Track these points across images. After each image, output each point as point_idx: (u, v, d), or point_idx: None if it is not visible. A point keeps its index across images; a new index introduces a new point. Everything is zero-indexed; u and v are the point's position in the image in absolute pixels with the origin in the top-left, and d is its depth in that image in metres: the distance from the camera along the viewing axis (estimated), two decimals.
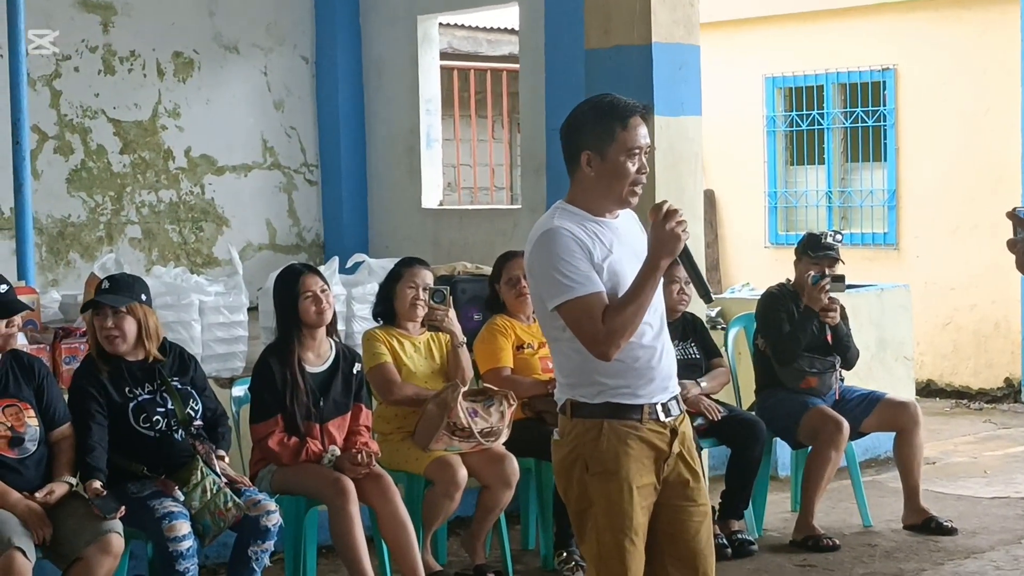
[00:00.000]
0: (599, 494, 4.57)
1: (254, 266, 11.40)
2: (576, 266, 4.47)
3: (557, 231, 4.51)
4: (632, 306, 4.44)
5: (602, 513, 4.57)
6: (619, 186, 4.56)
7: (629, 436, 4.56)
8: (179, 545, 5.92)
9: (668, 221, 4.41)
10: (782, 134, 14.45)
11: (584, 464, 4.59)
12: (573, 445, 4.62)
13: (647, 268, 4.46)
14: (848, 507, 8.56)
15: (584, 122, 4.60)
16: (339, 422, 6.85)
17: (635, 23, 8.39)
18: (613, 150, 4.53)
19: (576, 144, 4.59)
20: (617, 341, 4.45)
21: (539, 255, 4.55)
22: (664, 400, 4.64)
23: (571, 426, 4.63)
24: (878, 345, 10.14)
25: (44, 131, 11.03)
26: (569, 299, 4.46)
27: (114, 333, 6.26)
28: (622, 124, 4.53)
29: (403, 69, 12.12)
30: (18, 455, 5.94)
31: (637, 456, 4.57)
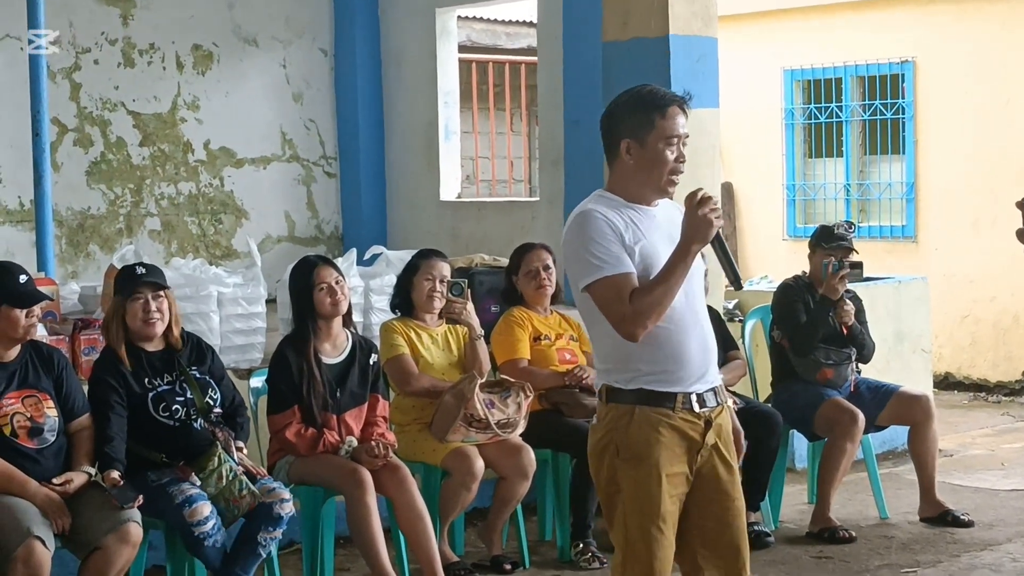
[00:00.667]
0: (628, 480, 4.60)
1: (273, 258, 11.42)
2: (606, 247, 4.51)
3: (590, 213, 4.57)
4: (661, 287, 4.48)
5: (630, 499, 4.60)
6: (658, 174, 4.60)
7: (660, 423, 4.59)
8: (203, 527, 5.97)
9: (701, 207, 4.47)
10: (800, 127, 14.44)
11: (615, 449, 4.62)
12: (607, 430, 4.65)
13: (678, 252, 4.51)
14: (865, 499, 8.56)
15: (624, 111, 4.64)
16: (356, 413, 6.88)
17: (653, 15, 8.41)
18: (652, 138, 4.57)
19: (616, 133, 4.64)
20: (644, 321, 4.48)
21: (572, 237, 4.61)
22: (700, 390, 4.66)
23: (605, 411, 4.67)
24: (896, 338, 10.14)
25: (64, 123, 11.06)
26: (598, 279, 4.50)
27: (155, 315, 6.32)
28: (661, 113, 4.58)
29: (422, 62, 12.13)
30: (37, 445, 5.97)
31: (668, 444, 4.59)
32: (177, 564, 6.25)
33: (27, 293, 6.00)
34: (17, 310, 5.95)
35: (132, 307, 6.34)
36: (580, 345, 7.88)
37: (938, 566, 7.39)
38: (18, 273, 6.04)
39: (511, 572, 7.33)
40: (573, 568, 7.37)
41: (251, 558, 6.23)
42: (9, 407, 5.94)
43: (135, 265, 6.47)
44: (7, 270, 6.06)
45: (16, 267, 6.12)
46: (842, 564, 7.47)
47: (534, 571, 7.40)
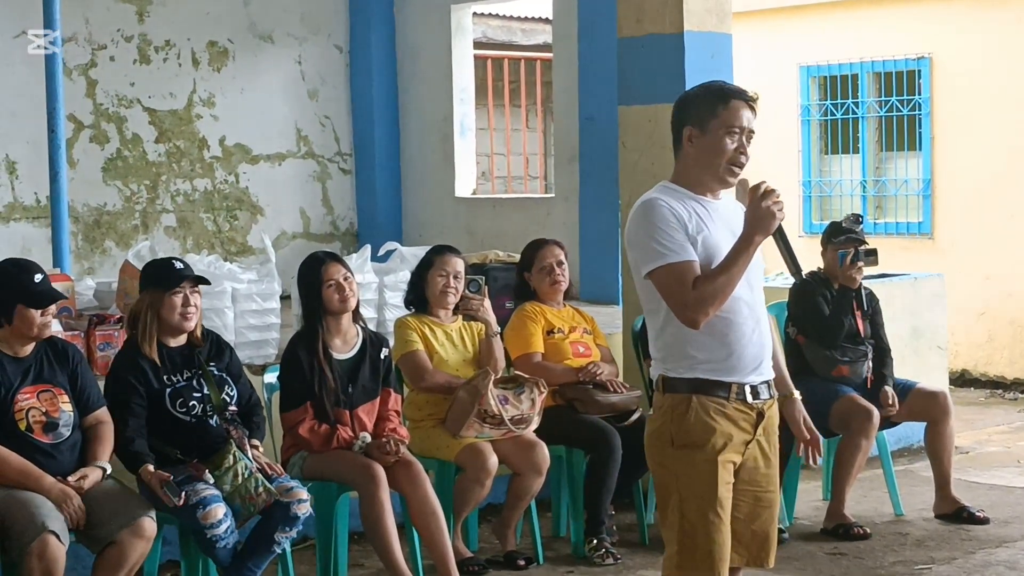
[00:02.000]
0: (684, 467, 4.64)
1: (288, 255, 11.44)
2: (670, 234, 4.55)
3: (654, 202, 4.62)
4: (723, 276, 4.51)
5: (686, 486, 4.64)
6: (717, 162, 4.65)
7: (716, 412, 4.63)
8: (216, 530, 5.97)
9: (765, 199, 4.51)
10: (816, 123, 14.42)
11: (670, 438, 4.66)
12: (663, 420, 4.69)
13: (741, 242, 4.55)
14: (880, 496, 8.55)
15: (690, 101, 4.74)
16: (368, 408, 6.89)
17: (667, 11, 8.39)
18: (713, 126, 4.63)
19: (680, 121, 4.72)
20: (706, 308, 4.51)
21: (635, 225, 4.65)
22: (754, 382, 4.70)
23: (661, 401, 4.71)
24: (912, 334, 10.13)
25: (80, 120, 11.09)
26: (662, 265, 4.54)
27: (192, 311, 6.36)
28: (724, 103, 4.65)
29: (437, 58, 12.15)
30: (52, 440, 5.97)
31: (723, 432, 4.64)
32: (191, 561, 6.26)
33: (43, 293, 6.01)
34: (32, 310, 5.96)
35: (171, 300, 6.34)
36: (594, 338, 7.88)
37: (953, 563, 7.37)
38: (34, 272, 6.04)
39: (525, 568, 7.32)
40: (587, 564, 7.36)
41: (265, 555, 6.25)
42: (24, 402, 5.95)
43: (172, 260, 6.50)
44: (23, 269, 6.06)
45: (32, 265, 6.11)
46: (856, 561, 7.46)
47: (548, 567, 7.40)
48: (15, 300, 5.95)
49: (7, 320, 5.96)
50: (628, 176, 8.68)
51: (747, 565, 4.83)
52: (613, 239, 9.76)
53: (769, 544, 4.84)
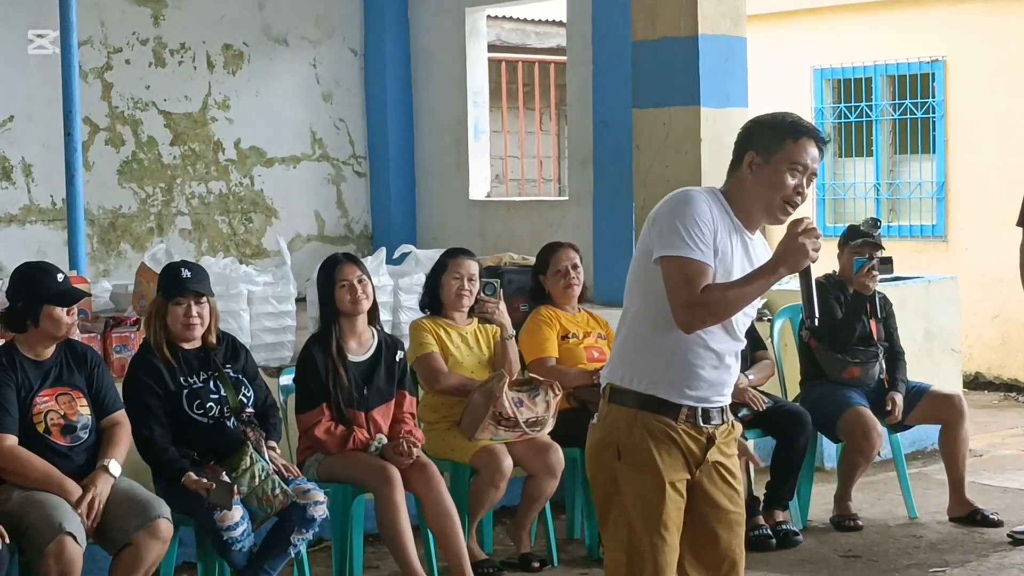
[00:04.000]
0: (630, 484, 4.53)
1: (303, 257, 11.46)
2: (701, 230, 4.41)
3: (698, 195, 4.49)
4: (734, 292, 4.39)
5: (632, 504, 4.53)
6: (773, 196, 4.49)
7: (663, 433, 4.52)
8: (232, 533, 6.00)
9: (804, 236, 4.39)
10: (830, 126, 14.41)
11: (616, 451, 4.55)
12: (607, 430, 4.58)
13: (764, 269, 4.43)
14: (894, 499, 8.55)
15: (761, 126, 4.59)
16: (384, 410, 6.91)
17: (681, 15, 8.42)
18: (778, 158, 4.48)
19: (746, 144, 4.57)
20: (704, 316, 4.39)
21: (669, 207, 4.48)
22: (708, 406, 4.57)
23: (607, 411, 4.60)
24: (925, 337, 10.13)
25: (95, 123, 11.11)
26: (680, 255, 4.39)
27: (195, 320, 6.38)
28: (795, 138, 4.50)
29: (451, 61, 12.16)
30: (70, 443, 6.00)
31: (669, 452, 4.52)
32: (208, 563, 6.29)
33: (67, 291, 6.05)
34: (59, 309, 5.99)
35: (174, 311, 6.39)
36: (608, 343, 7.89)
37: (967, 566, 7.37)
38: (55, 272, 6.08)
39: (539, 570, 7.34)
40: (601, 566, 7.30)
41: (280, 557, 6.27)
42: (43, 404, 5.99)
43: (180, 267, 6.50)
44: (44, 270, 6.10)
45: (51, 266, 6.16)
46: (870, 563, 7.47)
47: (562, 569, 7.42)
48: (41, 301, 5.98)
49: (34, 322, 5.99)
50: (642, 179, 8.70)
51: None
52: (627, 242, 9.76)
53: (737, 568, 4.70)
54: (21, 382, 5.96)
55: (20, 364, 6.01)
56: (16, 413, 5.92)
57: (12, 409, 5.91)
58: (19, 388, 5.96)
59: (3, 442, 5.87)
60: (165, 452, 6.20)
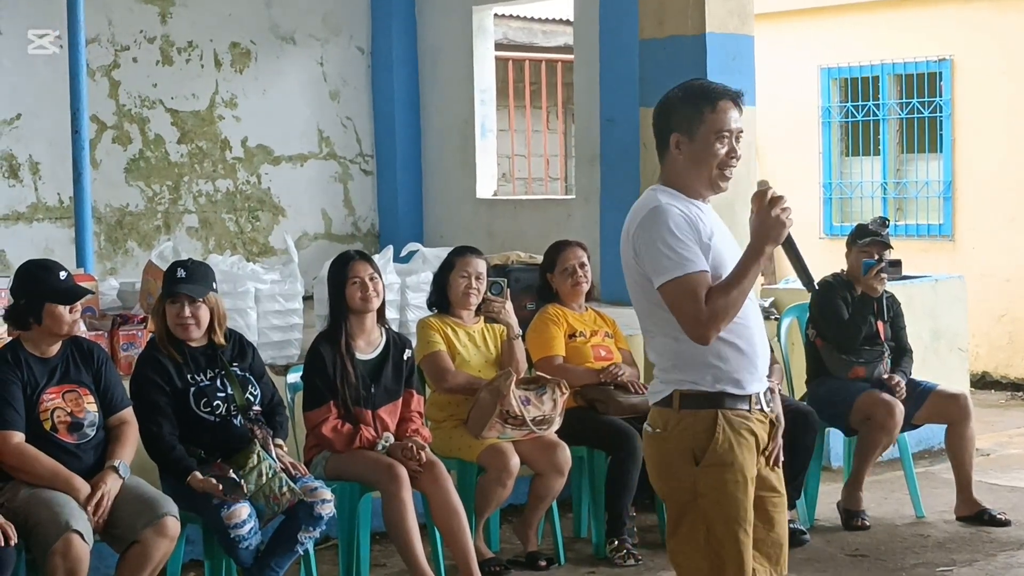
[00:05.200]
0: (711, 486, 4.46)
1: (309, 255, 11.48)
2: (685, 243, 4.37)
3: (666, 208, 4.43)
4: (736, 290, 4.37)
5: (715, 506, 4.46)
6: (707, 169, 4.49)
7: (742, 426, 4.49)
8: (240, 531, 6.00)
9: (773, 207, 4.39)
10: (837, 125, 14.41)
11: (692, 456, 4.47)
12: (681, 438, 4.49)
13: (751, 253, 4.41)
14: (901, 498, 8.55)
15: (675, 105, 4.55)
16: (391, 408, 6.90)
17: (689, 13, 8.40)
18: (702, 132, 4.48)
19: (666, 127, 4.55)
20: (718, 324, 4.35)
21: (647, 232, 4.43)
22: (763, 390, 4.57)
23: (678, 418, 4.50)
24: (932, 336, 10.12)
25: (103, 121, 11.14)
26: (676, 276, 4.35)
27: (189, 321, 6.36)
28: (711, 106, 4.48)
29: (458, 60, 12.17)
30: (77, 440, 6.00)
31: (748, 446, 4.50)
32: (215, 561, 6.29)
33: (69, 289, 6.04)
34: (61, 307, 5.99)
35: (169, 310, 6.40)
36: (615, 342, 7.89)
37: (974, 565, 7.36)
38: (57, 270, 6.07)
39: (546, 568, 7.33)
40: (608, 565, 7.37)
41: (288, 555, 6.27)
42: (50, 402, 5.98)
43: (177, 266, 6.49)
44: (46, 268, 6.10)
45: (54, 264, 6.15)
46: (878, 562, 7.46)
47: (569, 568, 7.41)
48: (43, 299, 5.98)
49: (37, 320, 5.99)
50: (649, 177, 8.65)
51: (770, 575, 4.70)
52: None
53: (784, 549, 4.73)
54: (27, 380, 5.96)
55: (26, 362, 6.00)
56: (22, 410, 5.91)
57: (18, 406, 5.90)
58: (25, 386, 5.95)
59: (10, 439, 5.87)
60: (172, 450, 6.20)
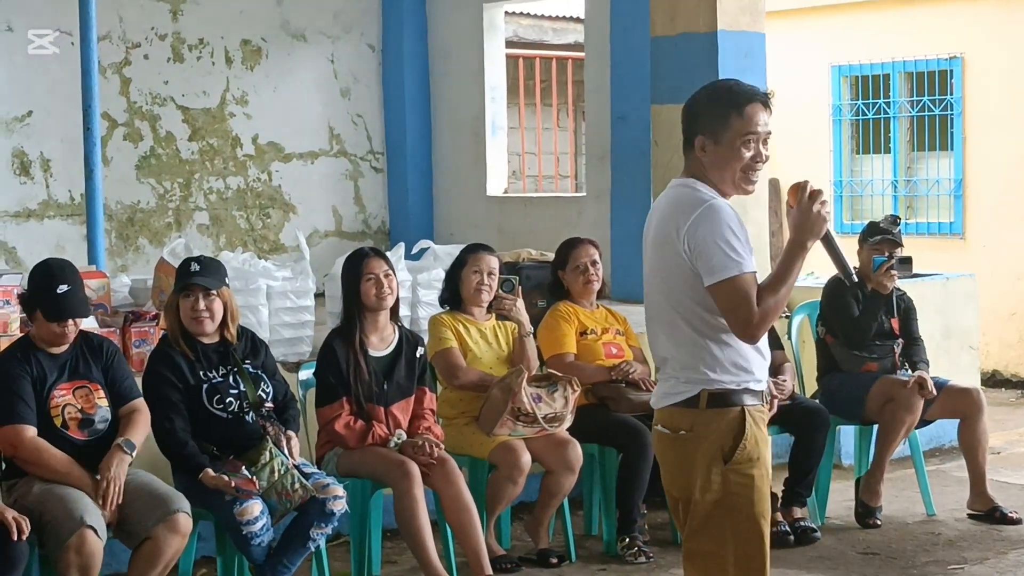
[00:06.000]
0: (742, 484, 4.44)
1: (320, 253, 11.47)
2: (742, 242, 4.36)
3: (721, 205, 4.40)
4: (784, 288, 4.36)
5: (745, 502, 4.45)
6: (731, 172, 4.46)
7: (760, 421, 4.51)
8: (252, 527, 6.01)
9: (813, 202, 4.37)
10: (848, 123, 14.39)
11: (721, 455, 4.43)
12: (709, 438, 4.45)
13: (795, 249, 4.40)
14: (912, 495, 8.54)
15: (702, 106, 4.53)
16: (403, 405, 6.91)
17: (701, 11, 8.42)
18: (727, 136, 4.44)
19: (692, 127, 4.52)
20: (768, 324, 4.37)
21: (705, 228, 4.36)
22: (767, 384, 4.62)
23: (705, 418, 4.45)
24: (943, 334, 10.10)
25: (114, 118, 11.14)
26: (733, 275, 4.32)
27: (204, 314, 6.36)
28: (738, 110, 4.44)
29: (469, 57, 12.17)
30: (87, 436, 6.01)
31: (766, 440, 4.53)
32: (227, 557, 6.30)
33: (60, 306, 5.93)
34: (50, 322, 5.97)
35: (183, 304, 6.40)
36: (626, 339, 7.89)
37: (985, 563, 7.36)
38: (59, 282, 5.93)
39: (557, 566, 7.34)
40: (619, 562, 7.38)
41: (300, 551, 6.28)
42: (60, 398, 6.00)
43: (191, 261, 6.49)
44: (50, 276, 5.98)
45: (61, 274, 5.99)
46: (889, 560, 7.46)
47: (580, 565, 7.42)
48: (34, 306, 5.99)
49: (31, 320, 6.01)
50: (661, 175, 8.70)
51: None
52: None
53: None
54: (37, 376, 5.97)
55: (36, 357, 6.01)
56: (34, 405, 5.92)
57: (30, 401, 5.91)
58: (35, 382, 5.96)
59: (24, 433, 5.88)
60: (185, 446, 6.21)
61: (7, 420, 5.89)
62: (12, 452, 5.92)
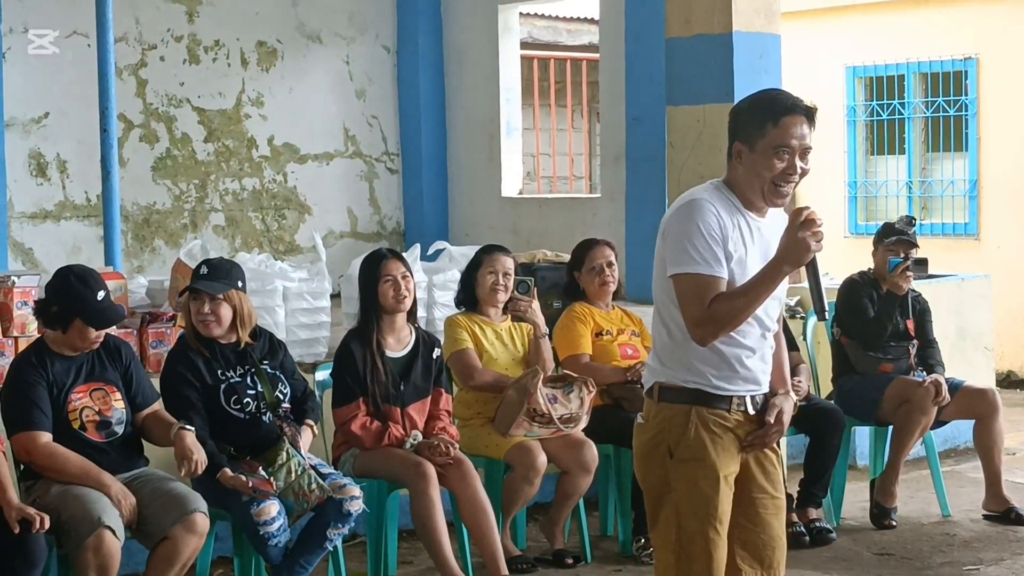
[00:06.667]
0: (683, 481, 4.50)
1: (335, 254, 11.48)
2: (708, 244, 4.36)
3: (703, 204, 4.42)
4: (741, 300, 4.36)
5: (685, 500, 4.50)
6: (760, 181, 4.44)
7: (716, 424, 4.50)
8: (269, 528, 6.03)
9: (803, 230, 4.32)
10: (863, 124, 14.39)
11: (667, 449, 4.51)
12: (658, 429, 4.54)
13: (768, 269, 4.38)
14: (927, 496, 8.54)
15: (743, 113, 4.53)
16: (419, 406, 6.92)
17: (716, 12, 8.42)
18: (761, 146, 4.42)
19: (733, 134, 4.52)
20: (717, 330, 4.36)
21: (677, 221, 4.44)
22: (755, 393, 4.57)
23: (657, 410, 4.55)
24: (958, 335, 10.10)
25: (130, 120, 11.17)
26: (688, 272, 4.36)
27: (209, 318, 6.37)
28: (775, 121, 4.42)
29: (484, 58, 12.18)
30: (105, 438, 6.03)
31: (724, 445, 4.50)
32: (244, 557, 6.31)
33: (103, 313, 6.00)
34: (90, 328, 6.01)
35: (192, 306, 6.42)
36: (642, 340, 7.90)
37: (1001, 564, 7.35)
38: (98, 288, 6.00)
39: (573, 566, 7.34)
40: (635, 563, 7.38)
41: (316, 551, 6.29)
42: (78, 401, 6.01)
43: (202, 264, 6.51)
44: (87, 284, 6.01)
45: (97, 281, 6.05)
46: (904, 561, 7.46)
47: (596, 566, 7.42)
48: (75, 315, 5.98)
49: (63, 329, 6.01)
50: (675, 176, 8.71)
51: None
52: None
53: (781, 552, 4.70)
54: (53, 379, 5.98)
55: (51, 362, 6.02)
56: (49, 411, 5.94)
57: (45, 407, 5.93)
58: (51, 386, 5.97)
59: (38, 439, 5.90)
60: (203, 445, 6.22)
61: (22, 427, 5.91)
62: (27, 458, 5.93)
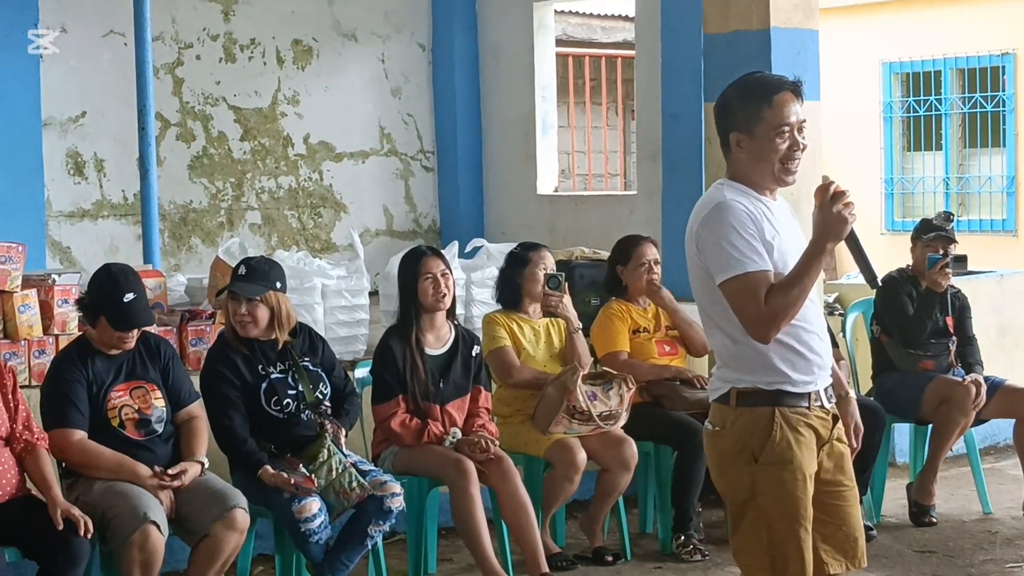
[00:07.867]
0: (770, 484, 4.44)
1: (372, 252, 11.46)
2: (748, 240, 4.34)
3: (730, 204, 4.40)
4: (796, 288, 4.32)
5: (773, 503, 4.45)
6: (769, 165, 4.44)
7: (800, 424, 4.46)
8: (310, 524, 6.04)
9: (835, 203, 4.32)
10: (899, 120, 14.35)
11: (751, 454, 4.46)
12: (739, 435, 4.48)
13: (812, 251, 4.35)
14: (968, 494, 8.51)
15: (732, 103, 4.51)
16: (459, 404, 6.92)
17: (754, 8, 8.38)
18: (761, 129, 4.44)
19: (726, 125, 4.51)
20: (778, 324, 4.33)
21: (708, 228, 4.41)
22: (826, 386, 4.55)
23: (735, 415, 4.49)
24: (998, 332, 10.05)
25: (167, 118, 11.19)
26: (736, 274, 4.33)
27: (246, 319, 6.39)
28: (768, 102, 4.43)
29: (519, 56, 12.17)
30: (145, 436, 6.05)
31: (807, 443, 4.47)
32: (286, 554, 6.33)
33: (127, 316, 5.99)
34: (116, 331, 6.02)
35: (230, 306, 6.44)
36: (678, 338, 7.87)
37: None
38: (125, 290, 5.99)
39: (613, 564, 7.34)
40: (675, 560, 7.37)
41: (357, 548, 6.30)
42: (118, 399, 6.03)
43: (241, 264, 6.53)
44: (115, 283, 6.02)
45: (127, 282, 6.04)
46: (946, 559, 7.42)
47: (635, 563, 7.41)
48: (100, 312, 6.02)
49: (92, 325, 6.04)
50: (714, 173, 8.66)
51: (846, 569, 4.65)
52: None
53: (861, 543, 4.68)
54: (92, 377, 6.01)
55: (92, 359, 6.05)
56: (86, 410, 5.96)
57: (82, 406, 5.95)
58: (91, 384, 6.00)
59: (71, 437, 5.92)
60: (244, 443, 6.23)
61: (56, 424, 5.94)
62: (60, 455, 5.95)
